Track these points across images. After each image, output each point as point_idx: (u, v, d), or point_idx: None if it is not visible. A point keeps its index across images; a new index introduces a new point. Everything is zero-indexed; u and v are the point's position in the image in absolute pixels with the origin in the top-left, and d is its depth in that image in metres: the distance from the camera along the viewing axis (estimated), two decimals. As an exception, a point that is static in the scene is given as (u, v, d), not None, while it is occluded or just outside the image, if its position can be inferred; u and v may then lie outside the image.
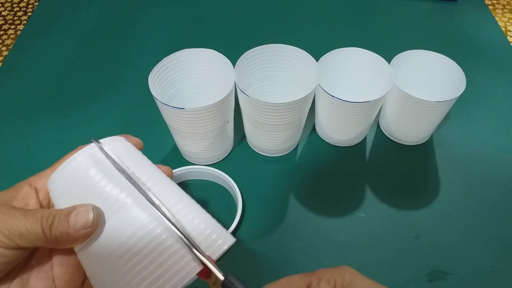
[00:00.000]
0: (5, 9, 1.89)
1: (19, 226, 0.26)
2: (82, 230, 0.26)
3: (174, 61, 0.48)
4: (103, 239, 0.27)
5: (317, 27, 0.72)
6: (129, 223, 0.27)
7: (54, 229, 0.26)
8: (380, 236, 0.47)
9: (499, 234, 0.47)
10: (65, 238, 0.26)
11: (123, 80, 0.63)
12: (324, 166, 0.53)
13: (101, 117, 0.58)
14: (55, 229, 0.26)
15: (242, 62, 0.48)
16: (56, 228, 0.26)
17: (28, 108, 0.59)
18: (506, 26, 1.81)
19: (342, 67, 0.53)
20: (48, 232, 0.26)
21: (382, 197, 0.50)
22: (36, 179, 0.30)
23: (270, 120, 0.46)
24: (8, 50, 1.47)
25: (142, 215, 0.27)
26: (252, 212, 0.48)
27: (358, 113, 0.48)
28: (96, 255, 0.27)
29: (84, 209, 0.27)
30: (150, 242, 0.26)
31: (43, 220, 0.26)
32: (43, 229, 0.26)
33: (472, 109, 0.60)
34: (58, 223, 0.26)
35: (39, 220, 0.26)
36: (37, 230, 0.26)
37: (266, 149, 0.53)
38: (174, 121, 0.45)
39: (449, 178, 0.52)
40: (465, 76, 0.49)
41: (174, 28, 0.71)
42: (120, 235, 0.26)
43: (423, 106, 0.48)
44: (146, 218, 0.27)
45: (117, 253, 0.26)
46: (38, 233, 0.26)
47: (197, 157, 0.52)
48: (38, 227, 0.26)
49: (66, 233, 0.26)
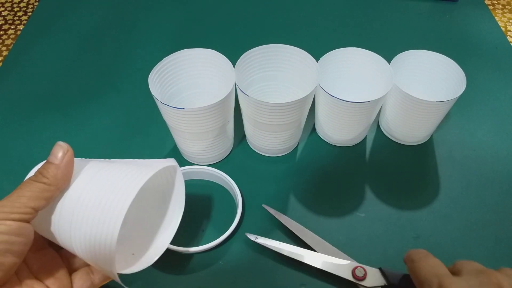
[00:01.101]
0: (5, 9, 1.89)
1: (25, 195, 0.29)
2: (65, 157, 0.31)
3: (174, 61, 0.48)
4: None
5: (317, 27, 0.72)
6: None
7: (47, 174, 0.31)
8: (380, 236, 0.47)
9: (499, 234, 0.47)
10: (60, 174, 0.31)
11: (123, 80, 0.63)
12: (324, 166, 0.53)
13: (101, 117, 0.58)
14: (46, 173, 0.31)
15: (242, 62, 0.48)
16: (48, 173, 0.30)
17: (28, 108, 0.59)
18: (506, 26, 1.81)
19: (342, 67, 0.53)
20: (46, 180, 0.30)
21: (382, 197, 0.50)
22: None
23: (270, 120, 0.46)
24: (8, 50, 1.47)
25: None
26: (252, 212, 0.48)
27: (358, 113, 0.48)
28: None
29: (55, 146, 0.32)
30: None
31: (37, 177, 0.30)
32: (43, 182, 0.30)
33: (472, 109, 0.60)
34: (46, 169, 0.31)
35: (34, 183, 0.30)
36: (41, 187, 0.30)
37: (266, 149, 0.53)
38: (174, 121, 0.45)
39: (449, 178, 0.52)
40: (465, 76, 0.49)
41: (174, 28, 0.71)
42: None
43: (423, 106, 0.48)
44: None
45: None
46: (44, 188, 0.30)
47: (197, 157, 0.52)
48: (39, 185, 0.30)
49: (56, 169, 0.31)
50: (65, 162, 0.31)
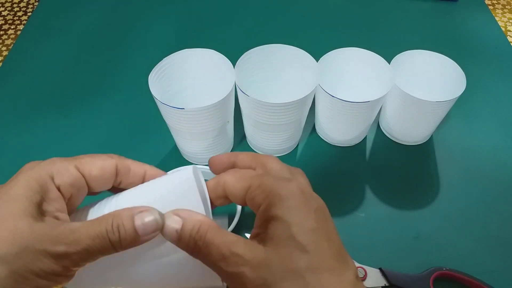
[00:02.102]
0: (5, 9, 1.89)
1: (91, 252, 0.25)
2: (152, 234, 0.26)
3: (174, 61, 0.48)
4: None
5: (317, 27, 0.72)
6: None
7: (124, 241, 0.25)
8: (380, 236, 0.47)
9: (499, 234, 0.47)
10: (133, 245, 0.26)
11: (123, 80, 0.63)
12: (324, 166, 0.53)
13: (101, 117, 0.58)
14: (124, 241, 0.25)
15: (242, 62, 0.48)
16: (125, 240, 0.25)
17: (28, 108, 0.59)
18: (506, 26, 1.81)
19: (342, 67, 0.53)
20: (118, 245, 0.25)
21: (382, 197, 0.50)
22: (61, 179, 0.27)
23: (270, 120, 0.46)
24: (8, 50, 1.47)
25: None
26: (252, 212, 0.48)
27: (358, 113, 0.48)
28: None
29: (147, 211, 0.26)
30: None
31: (111, 237, 0.25)
32: (113, 245, 0.25)
33: (472, 109, 0.60)
34: (126, 234, 0.25)
35: (106, 238, 0.25)
36: (108, 247, 0.25)
37: (266, 149, 0.53)
38: (174, 121, 0.45)
39: (449, 178, 0.52)
40: (465, 76, 0.49)
41: (174, 28, 0.71)
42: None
43: (423, 106, 0.48)
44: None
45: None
46: (109, 249, 0.25)
47: (197, 157, 0.52)
48: (108, 244, 0.25)
49: (135, 241, 0.25)
50: (146, 239, 0.26)
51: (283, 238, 0.25)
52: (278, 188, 0.26)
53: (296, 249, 0.25)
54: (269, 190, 0.26)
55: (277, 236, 0.25)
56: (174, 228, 0.26)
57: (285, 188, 0.27)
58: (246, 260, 0.24)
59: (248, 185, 0.28)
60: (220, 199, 0.30)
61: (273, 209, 0.26)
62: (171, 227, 0.26)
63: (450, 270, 0.43)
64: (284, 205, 0.26)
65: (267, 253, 0.25)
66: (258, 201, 0.27)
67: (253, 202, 0.27)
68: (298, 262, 0.24)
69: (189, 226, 0.26)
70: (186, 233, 0.26)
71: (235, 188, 0.28)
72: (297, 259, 0.24)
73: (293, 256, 0.24)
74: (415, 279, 0.42)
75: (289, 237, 0.25)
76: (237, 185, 0.28)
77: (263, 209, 0.26)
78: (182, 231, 0.26)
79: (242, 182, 0.28)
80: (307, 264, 0.24)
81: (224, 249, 0.25)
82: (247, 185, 0.28)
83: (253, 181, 0.28)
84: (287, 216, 0.25)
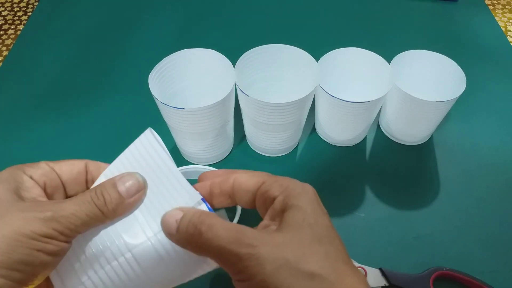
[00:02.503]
0: (5, 9, 1.89)
1: (79, 216, 0.26)
2: (136, 194, 0.27)
3: (174, 61, 0.48)
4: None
5: (317, 27, 0.72)
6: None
7: (109, 204, 0.26)
8: (380, 236, 0.47)
9: (499, 234, 0.47)
10: (120, 209, 0.27)
11: (123, 80, 0.63)
12: (324, 166, 0.53)
13: (101, 117, 0.58)
14: (109, 203, 0.26)
15: (242, 62, 0.48)
16: (111, 203, 0.26)
17: (28, 108, 0.59)
18: (506, 26, 1.81)
19: (342, 67, 0.53)
20: (105, 209, 0.26)
21: (382, 197, 0.50)
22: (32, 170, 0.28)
23: (270, 120, 0.46)
24: (8, 50, 1.47)
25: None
26: (252, 212, 0.48)
27: (358, 113, 0.48)
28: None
29: (128, 175, 0.27)
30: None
31: (96, 201, 0.26)
32: (101, 209, 0.26)
33: (472, 109, 0.60)
34: (110, 197, 0.26)
35: (92, 203, 0.26)
36: (96, 212, 0.26)
37: (266, 149, 0.53)
38: (174, 121, 0.45)
39: (449, 178, 0.52)
40: (465, 76, 0.49)
41: (174, 28, 0.71)
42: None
43: (423, 106, 0.48)
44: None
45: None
46: (98, 215, 0.26)
47: (197, 157, 0.52)
48: (95, 209, 0.26)
49: (121, 203, 0.27)
50: (132, 201, 0.27)
51: (303, 225, 0.25)
52: (295, 185, 0.27)
53: (315, 238, 0.25)
54: (287, 185, 0.27)
55: (296, 223, 0.25)
56: (174, 218, 0.26)
57: (301, 186, 0.27)
58: (263, 241, 0.24)
59: (263, 180, 0.28)
60: (222, 196, 0.30)
61: (292, 199, 0.26)
62: (172, 217, 0.26)
63: (450, 270, 0.43)
64: (303, 198, 0.26)
65: (285, 236, 0.25)
66: (274, 193, 0.27)
67: (266, 195, 0.28)
68: (318, 248, 0.24)
69: (189, 213, 0.26)
70: (186, 220, 0.26)
71: (247, 182, 0.29)
72: (317, 246, 0.24)
73: (313, 243, 0.24)
74: (415, 279, 0.42)
75: (309, 225, 0.25)
76: (250, 180, 0.29)
77: (281, 200, 0.27)
78: (182, 219, 0.26)
79: (255, 178, 0.29)
80: (325, 254, 0.24)
81: (233, 232, 0.24)
82: (261, 180, 0.28)
83: (267, 177, 0.28)
84: (306, 206, 0.26)
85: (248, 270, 0.23)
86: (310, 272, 0.23)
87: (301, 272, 0.23)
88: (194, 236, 0.25)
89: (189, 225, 0.25)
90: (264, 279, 0.23)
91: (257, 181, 0.29)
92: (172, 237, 0.27)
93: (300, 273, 0.23)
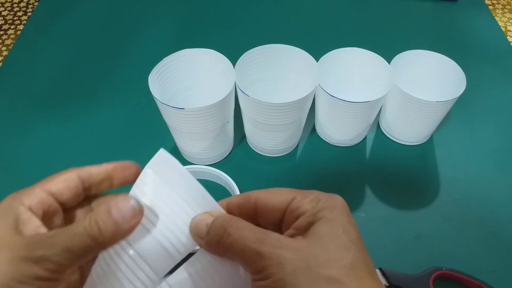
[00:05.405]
0: (5, 9, 1.89)
1: (73, 251, 0.25)
2: (133, 220, 0.26)
3: (174, 61, 0.48)
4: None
5: (317, 27, 0.72)
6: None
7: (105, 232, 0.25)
8: (380, 236, 0.47)
9: (499, 234, 0.47)
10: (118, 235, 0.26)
11: (123, 80, 0.63)
12: (324, 166, 0.53)
13: (101, 117, 0.58)
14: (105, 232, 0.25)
15: (242, 62, 0.48)
16: (106, 231, 0.25)
17: (28, 108, 0.59)
18: (506, 26, 1.81)
19: (342, 67, 0.53)
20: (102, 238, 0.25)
21: (382, 197, 0.50)
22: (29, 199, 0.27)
23: (270, 120, 0.46)
24: (8, 50, 1.47)
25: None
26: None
27: (358, 113, 0.48)
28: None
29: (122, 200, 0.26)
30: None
31: (90, 232, 0.25)
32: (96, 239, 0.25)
33: (472, 109, 0.60)
34: (105, 225, 0.25)
35: (84, 235, 0.25)
36: (90, 244, 0.25)
37: (266, 149, 0.53)
38: (174, 121, 0.45)
39: (449, 178, 0.52)
40: (465, 76, 0.49)
41: (174, 28, 0.71)
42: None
43: (423, 106, 0.48)
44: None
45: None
46: (92, 246, 0.25)
47: (197, 157, 0.52)
48: (88, 241, 0.25)
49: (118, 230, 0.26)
50: (130, 227, 0.26)
51: (331, 234, 0.25)
52: (326, 198, 0.27)
53: (342, 246, 0.25)
54: (319, 199, 0.27)
55: (323, 232, 0.25)
56: (204, 222, 0.26)
57: (332, 199, 0.27)
58: (286, 243, 0.24)
59: (292, 196, 0.28)
60: (245, 217, 0.29)
61: (322, 212, 0.26)
62: (202, 220, 0.27)
63: (450, 270, 0.43)
64: (334, 211, 0.26)
65: (310, 242, 0.25)
66: (305, 208, 0.27)
67: (297, 212, 0.27)
68: (344, 255, 0.24)
69: (221, 217, 0.27)
70: (217, 222, 0.26)
71: (273, 201, 0.28)
72: (342, 254, 0.24)
73: (339, 250, 0.24)
74: (415, 279, 0.42)
75: (337, 235, 0.25)
76: (276, 198, 0.28)
77: (311, 213, 0.27)
78: (214, 222, 0.26)
79: (283, 195, 0.28)
80: (351, 261, 0.24)
81: (259, 233, 0.25)
82: (290, 196, 0.28)
83: (296, 193, 0.28)
84: (336, 219, 0.26)
85: (268, 269, 0.24)
86: (331, 277, 0.23)
87: (321, 276, 0.23)
88: (223, 237, 0.26)
89: (220, 228, 0.26)
90: (283, 278, 0.23)
91: (286, 198, 0.28)
92: (201, 240, 0.27)
93: (320, 277, 0.23)
